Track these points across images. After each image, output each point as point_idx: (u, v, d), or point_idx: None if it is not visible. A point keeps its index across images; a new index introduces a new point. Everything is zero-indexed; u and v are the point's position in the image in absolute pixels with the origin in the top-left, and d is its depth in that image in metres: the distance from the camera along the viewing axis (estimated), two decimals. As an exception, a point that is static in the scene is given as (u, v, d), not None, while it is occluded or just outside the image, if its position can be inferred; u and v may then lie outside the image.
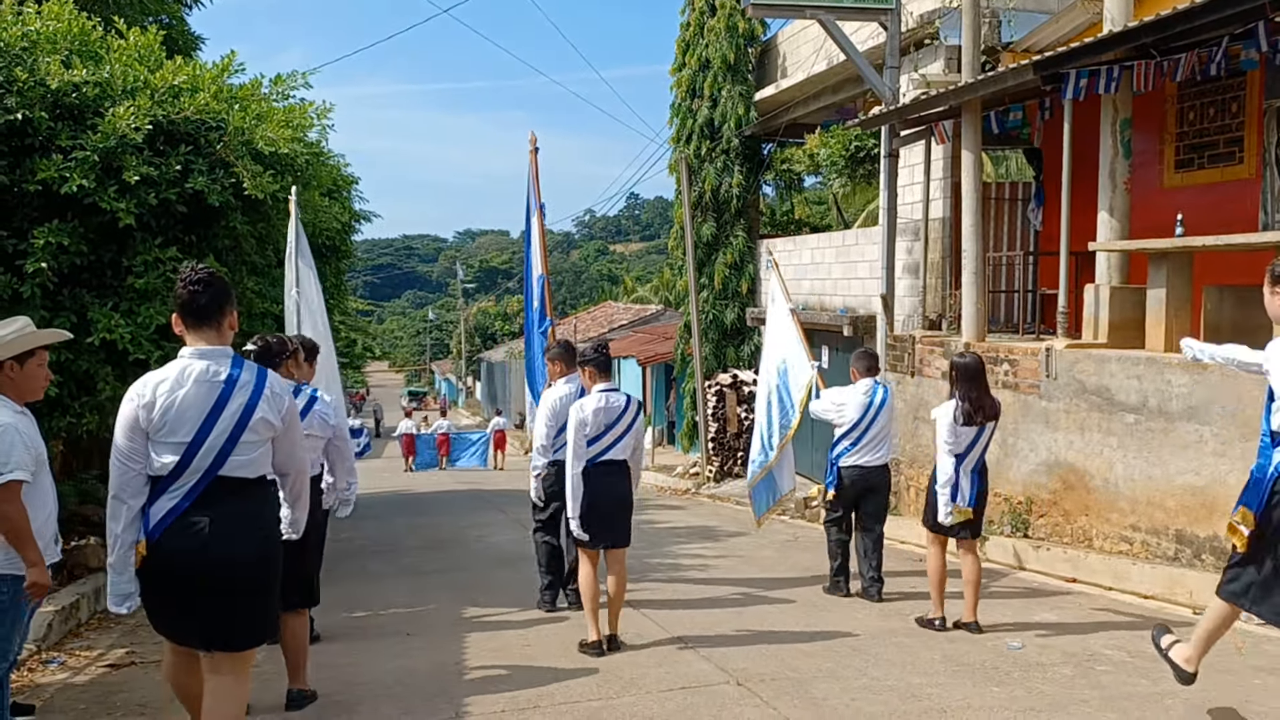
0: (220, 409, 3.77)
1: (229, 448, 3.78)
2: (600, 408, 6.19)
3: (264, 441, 3.90)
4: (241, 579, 3.80)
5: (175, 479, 3.75)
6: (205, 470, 3.76)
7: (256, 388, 3.85)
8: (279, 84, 8.45)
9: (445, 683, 5.69)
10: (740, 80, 18.28)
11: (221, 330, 3.87)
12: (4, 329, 4.42)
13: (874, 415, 7.60)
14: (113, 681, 5.90)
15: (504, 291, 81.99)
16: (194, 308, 3.82)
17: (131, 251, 7.26)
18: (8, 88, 6.81)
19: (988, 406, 6.50)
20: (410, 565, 9.94)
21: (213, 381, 3.78)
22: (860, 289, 14.62)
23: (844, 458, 7.69)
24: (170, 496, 3.76)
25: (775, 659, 5.98)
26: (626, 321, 37.18)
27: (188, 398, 3.75)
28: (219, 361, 3.82)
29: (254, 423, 3.82)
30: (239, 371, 3.84)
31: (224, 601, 3.77)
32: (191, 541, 3.73)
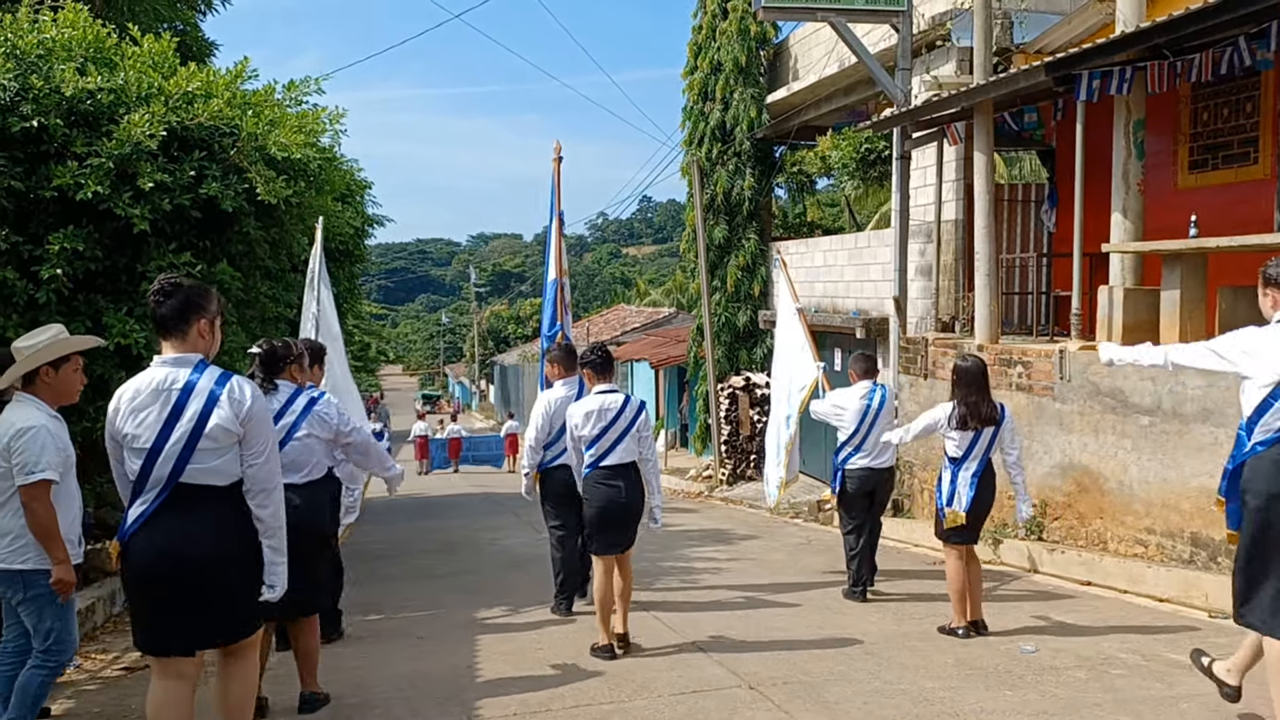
0: (176, 417, 3.79)
1: (186, 455, 3.79)
2: (594, 409, 6.13)
3: (225, 448, 3.86)
4: (207, 583, 3.80)
5: (142, 485, 3.82)
6: (166, 477, 3.79)
7: (212, 395, 3.82)
8: (292, 89, 8.49)
9: (457, 685, 5.70)
10: (752, 83, 18.26)
11: (188, 338, 3.88)
12: (39, 336, 4.53)
13: (874, 417, 7.62)
14: (128, 685, 5.93)
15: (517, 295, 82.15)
16: (158, 316, 3.87)
17: (146, 257, 7.30)
18: (24, 95, 6.87)
19: (984, 412, 6.46)
20: (423, 568, 9.97)
21: (170, 389, 3.81)
22: (873, 291, 14.59)
23: (850, 461, 7.70)
24: (140, 501, 3.83)
25: (787, 662, 5.97)
26: (639, 324, 37.19)
27: (145, 405, 3.81)
28: (180, 369, 3.84)
29: (210, 430, 3.80)
30: (197, 378, 3.83)
31: (193, 603, 3.79)
32: (157, 545, 3.78)
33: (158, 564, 3.77)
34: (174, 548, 3.76)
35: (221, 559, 3.83)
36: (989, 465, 6.59)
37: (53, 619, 4.48)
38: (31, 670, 4.43)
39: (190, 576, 3.77)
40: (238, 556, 3.88)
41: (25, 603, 4.45)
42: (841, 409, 7.74)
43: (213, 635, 3.89)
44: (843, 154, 15.75)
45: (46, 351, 4.51)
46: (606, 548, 6.17)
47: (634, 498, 6.21)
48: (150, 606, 3.83)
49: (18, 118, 6.78)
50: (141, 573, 3.80)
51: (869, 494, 7.72)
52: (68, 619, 4.57)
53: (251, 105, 7.87)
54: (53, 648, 4.46)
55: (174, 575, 3.76)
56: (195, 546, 3.78)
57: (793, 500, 13.15)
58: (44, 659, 4.44)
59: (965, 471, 6.50)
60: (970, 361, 6.64)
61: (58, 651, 4.49)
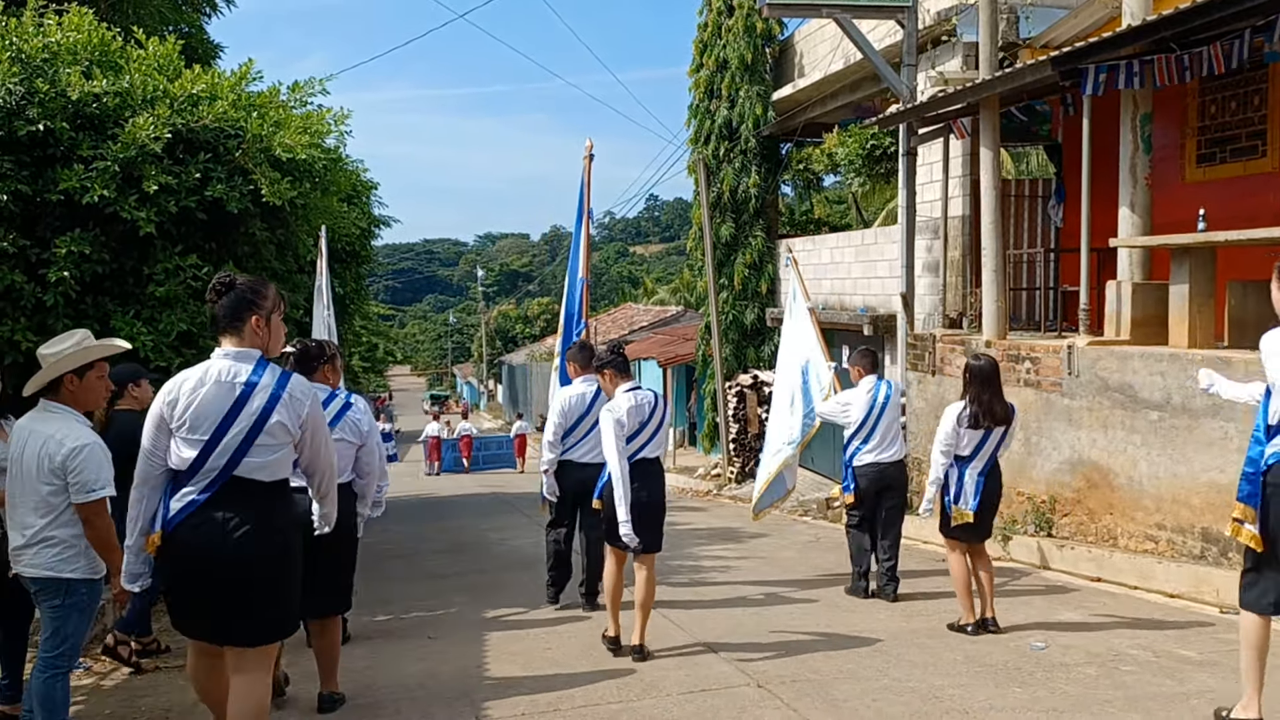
0: (238, 410, 3.83)
1: (244, 449, 3.83)
2: (633, 406, 6.11)
3: (281, 445, 3.93)
4: (250, 578, 3.84)
5: (193, 475, 3.84)
6: (221, 469, 3.83)
7: (274, 392, 3.89)
8: (297, 91, 8.51)
9: (466, 685, 5.71)
10: (758, 80, 18.24)
11: (245, 333, 3.93)
12: (63, 343, 4.53)
13: (880, 412, 7.62)
14: (137, 686, 5.95)
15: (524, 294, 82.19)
16: (215, 313, 3.95)
17: (152, 260, 7.33)
18: (30, 99, 6.90)
19: (998, 411, 6.46)
20: (432, 568, 9.98)
21: (233, 383, 3.85)
22: (880, 288, 14.57)
23: (858, 456, 7.69)
24: (188, 491, 3.85)
25: (796, 660, 5.97)
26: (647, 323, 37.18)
27: (208, 397, 3.83)
28: (242, 364, 3.89)
29: (270, 426, 3.87)
30: (260, 375, 3.90)
31: (232, 597, 3.83)
32: (204, 536, 3.81)
33: (203, 553, 3.80)
34: (221, 538, 3.80)
35: (262, 558, 3.87)
36: (996, 463, 6.59)
37: (75, 627, 4.50)
38: (48, 677, 4.43)
39: (230, 570, 3.81)
40: (278, 555, 3.93)
41: (60, 608, 4.46)
42: (847, 405, 7.74)
43: (239, 631, 3.90)
44: (849, 151, 15.75)
45: (70, 359, 4.50)
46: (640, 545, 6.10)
47: (661, 489, 6.22)
48: (186, 594, 3.89)
49: (24, 121, 6.82)
50: (186, 561, 3.84)
51: (881, 489, 7.70)
52: (88, 628, 4.61)
53: (256, 107, 7.88)
54: (67, 653, 4.48)
55: (215, 567, 3.80)
56: (240, 541, 3.82)
57: (801, 498, 13.14)
58: (57, 662, 4.45)
59: (973, 470, 6.49)
60: (983, 360, 6.64)
61: (70, 657, 4.51)
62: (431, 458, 29.58)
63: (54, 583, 4.45)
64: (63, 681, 4.50)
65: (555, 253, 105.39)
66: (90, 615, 4.61)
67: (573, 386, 7.51)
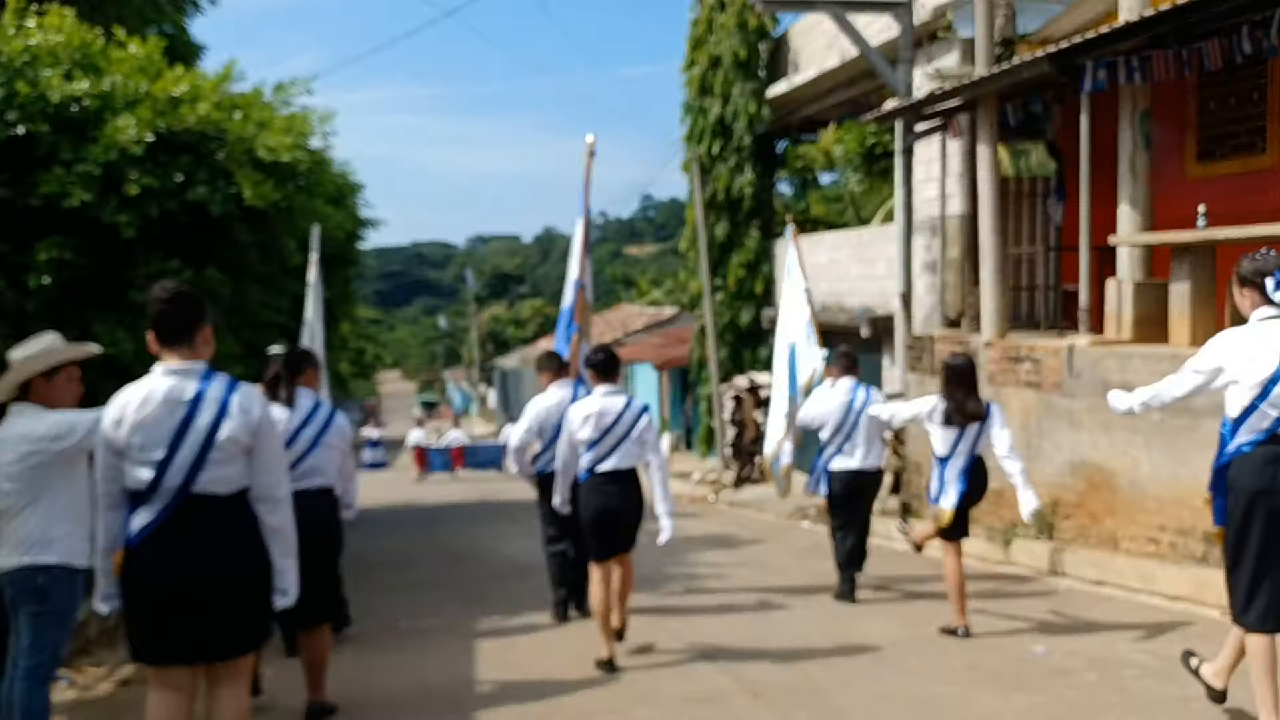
0: (186, 427, 3.81)
1: (199, 465, 3.82)
2: (593, 412, 6.13)
3: (235, 458, 3.90)
4: (221, 592, 3.84)
5: (150, 494, 3.83)
6: (177, 488, 3.82)
7: (223, 405, 3.86)
8: (280, 91, 8.55)
9: (457, 695, 5.75)
10: (751, 77, 18.28)
11: (194, 346, 3.92)
12: (31, 346, 4.57)
13: (856, 416, 7.65)
14: (124, 699, 5.94)
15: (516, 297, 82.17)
16: (165, 324, 3.89)
17: (134, 265, 7.34)
18: (9, 102, 6.91)
19: (969, 409, 6.54)
20: (422, 577, 10.00)
21: (179, 400, 3.83)
22: (878, 288, 14.61)
23: (834, 461, 7.76)
24: (148, 510, 3.84)
25: (794, 669, 6.01)
26: (642, 325, 37.17)
27: (155, 417, 3.81)
28: (187, 379, 3.87)
29: (221, 440, 3.84)
30: (206, 388, 3.87)
31: (206, 613, 3.82)
32: (167, 555, 3.81)
33: (166, 573, 3.80)
34: (184, 557, 3.80)
35: (231, 569, 3.87)
36: (977, 461, 6.66)
37: (59, 632, 4.54)
38: (32, 688, 4.45)
39: (199, 586, 3.80)
40: (247, 567, 3.93)
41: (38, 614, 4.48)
42: (822, 411, 7.78)
43: (216, 647, 3.90)
44: (847, 148, 15.79)
45: (35, 362, 4.56)
46: (601, 553, 6.20)
47: (630, 504, 6.22)
48: (153, 616, 3.85)
49: (4, 125, 6.83)
50: (148, 582, 3.83)
51: (855, 496, 7.78)
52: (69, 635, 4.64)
53: (239, 108, 7.91)
54: (47, 662, 4.51)
55: (183, 585, 3.80)
56: (205, 556, 3.82)
57: (799, 504, 13.17)
58: (40, 673, 4.48)
59: (951, 469, 6.59)
60: (959, 359, 6.76)
61: (52, 665, 4.54)
62: (417, 466, 29.48)
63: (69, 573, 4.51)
64: (45, 693, 4.52)
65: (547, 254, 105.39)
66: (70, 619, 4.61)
67: (547, 395, 7.46)
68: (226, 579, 3.86)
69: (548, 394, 7.45)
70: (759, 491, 15.97)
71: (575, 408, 6.30)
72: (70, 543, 4.52)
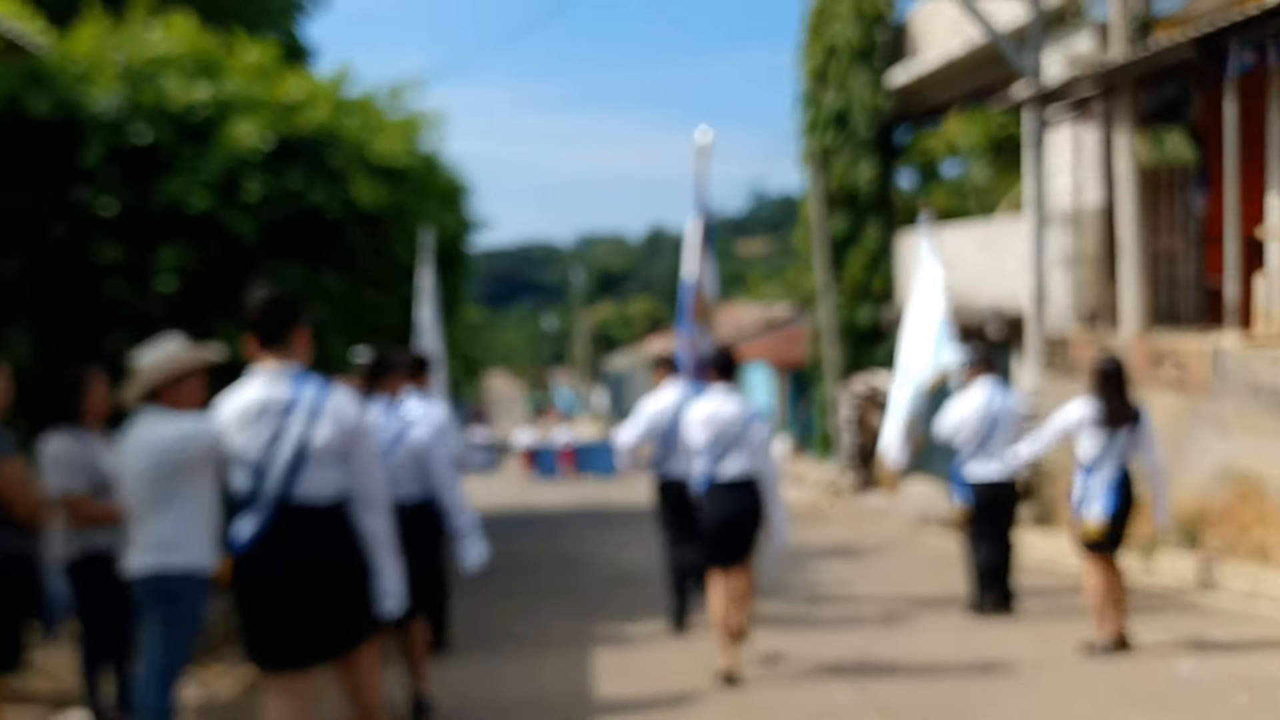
0: (283, 432, 3.92)
1: (295, 470, 3.92)
2: (708, 417, 6.16)
3: (331, 462, 3.98)
4: (319, 598, 3.95)
5: (252, 501, 3.96)
6: (276, 494, 3.93)
7: (317, 409, 3.95)
8: (394, 95, 8.78)
9: (574, 705, 5.83)
10: (870, 65, 18.06)
11: (290, 350, 4.03)
12: (157, 353, 4.78)
13: (995, 420, 7.49)
14: (248, 701, 6.15)
15: (624, 296, 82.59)
16: (262, 329, 4.01)
17: (252, 268, 7.64)
18: (136, 110, 7.28)
19: (1123, 412, 6.37)
20: (535, 583, 10.16)
21: (273, 403, 3.94)
22: (1006, 284, 14.28)
23: (970, 467, 7.61)
24: (250, 517, 3.96)
25: (925, 687, 5.92)
26: (752, 323, 37.03)
27: (251, 422, 3.94)
28: (282, 383, 3.98)
29: (317, 444, 3.93)
30: (301, 391, 3.97)
31: (305, 618, 3.93)
32: (270, 561, 3.93)
33: (272, 579, 3.94)
34: (287, 563, 3.92)
35: (334, 573, 3.98)
36: (1127, 473, 6.46)
37: (187, 635, 4.72)
38: (161, 689, 4.64)
39: (302, 592, 3.93)
40: (349, 571, 4.03)
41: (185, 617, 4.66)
42: (961, 415, 7.63)
43: (326, 650, 4.02)
44: (971, 138, 15.48)
45: (162, 371, 4.74)
46: (718, 560, 6.19)
47: (749, 511, 6.21)
48: (264, 622, 3.99)
49: (130, 133, 7.19)
50: (255, 589, 3.98)
51: (995, 505, 7.63)
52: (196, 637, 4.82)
53: (354, 112, 8.17)
54: (176, 664, 4.68)
55: (287, 591, 3.93)
56: (308, 562, 3.94)
57: (924, 512, 12.99)
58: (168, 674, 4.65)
59: (1098, 476, 6.39)
60: (1107, 360, 6.58)
61: (180, 667, 4.72)
62: (526, 469, 29.91)
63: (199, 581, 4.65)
64: (171, 693, 4.74)
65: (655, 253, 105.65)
66: (199, 622, 4.80)
67: (660, 396, 7.58)
68: (328, 583, 3.97)
69: (660, 395, 7.56)
70: (881, 498, 15.80)
71: (692, 410, 6.31)
72: (197, 547, 4.69)
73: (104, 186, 7.17)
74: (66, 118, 7.28)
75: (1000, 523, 7.68)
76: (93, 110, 7.20)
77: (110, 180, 7.17)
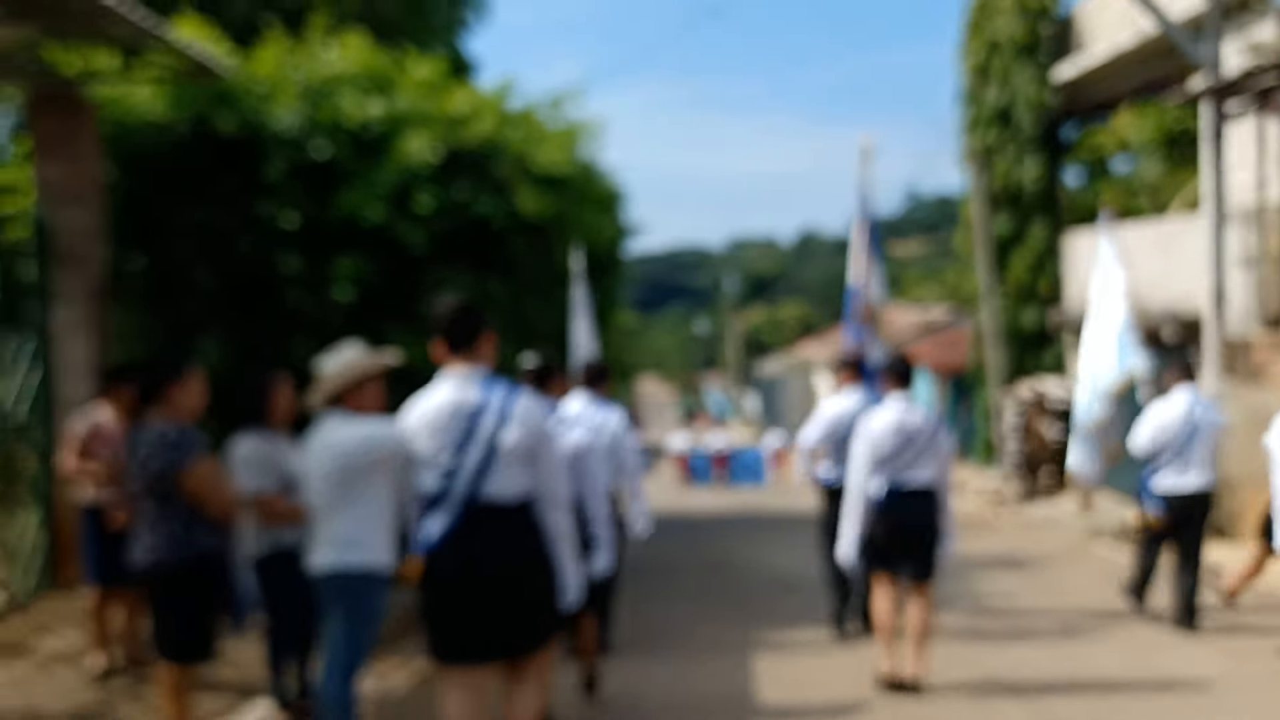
0: (473, 432, 4.02)
1: (485, 470, 4.02)
2: (893, 425, 6.05)
3: (520, 463, 4.07)
4: (514, 594, 4.05)
5: (442, 501, 4.06)
6: (465, 492, 4.03)
7: (505, 411, 4.05)
8: (555, 105, 8.94)
9: (736, 708, 5.81)
10: (1034, 60, 17.51)
11: (477, 354, 4.15)
12: (340, 358, 4.99)
13: (1194, 430, 7.13)
14: (426, 697, 6.32)
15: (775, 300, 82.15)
16: (451, 335, 4.14)
17: (422, 276, 7.89)
18: (315, 127, 7.62)
19: None
20: (690, 586, 10.17)
21: (465, 407, 4.05)
22: (1182, 285, 13.61)
23: (1163, 478, 7.25)
24: (439, 518, 4.07)
25: (1102, 705, 5.68)
26: (909, 326, 36.31)
27: (443, 423, 4.04)
28: (472, 386, 4.09)
29: (505, 446, 4.02)
30: (490, 395, 4.07)
31: (494, 615, 4.04)
32: (460, 560, 4.03)
33: (462, 578, 4.04)
34: (477, 561, 4.03)
35: (521, 571, 4.09)
36: None
37: (367, 630, 4.92)
38: (342, 681, 4.85)
39: (492, 589, 4.03)
40: (535, 568, 4.13)
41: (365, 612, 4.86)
42: (1161, 429, 7.28)
43: (511, 645, 4.12)
44: (1143, 133, 14.83)
45: (344, 377, 4.94)
46: (892, 566, 6.07)
47: (929, 520, 6.10)
48: (451, 618, 4.11)
49: (309, 149, 7.53)
50: (445, 587, 4.09)
51: (1188, 519, 7.26)
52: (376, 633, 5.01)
53: (517, 124, 8.36)
54: (356, 658, 4.89)
55: (477, 588, 4.04)
56: (497, 560, 4.04)
57: (1095, 523, 12.49)
58: (349, 667, 4.86)
59: None
60: None
61: (360, 661, 4.92)
62: (679, 471, 30.03)
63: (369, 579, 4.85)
64: (352, 684, 4.93)
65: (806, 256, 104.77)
66: (378, 618, 4.99)
67: (838, 400, 7.52)
68: (516, 581, 4.08)
69: (839, 398, 7.50)
70: (1047, 507, 15.27)
71: (875, 421, 6.18)
72: (377, 546, 4.87)
73: (286, 201, 7.51)
74: (251, 135, 7.67)
75: (1191, 536, 7.31)
76: (275, 128, 7.57)
77: (291, 195, 7.52)
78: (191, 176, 7.75)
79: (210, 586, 4.98)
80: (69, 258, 7.47)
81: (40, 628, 6.76)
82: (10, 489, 7.29)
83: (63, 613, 7.07)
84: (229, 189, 7.64)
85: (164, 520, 4.77)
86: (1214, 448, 7.32)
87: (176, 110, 7.90)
